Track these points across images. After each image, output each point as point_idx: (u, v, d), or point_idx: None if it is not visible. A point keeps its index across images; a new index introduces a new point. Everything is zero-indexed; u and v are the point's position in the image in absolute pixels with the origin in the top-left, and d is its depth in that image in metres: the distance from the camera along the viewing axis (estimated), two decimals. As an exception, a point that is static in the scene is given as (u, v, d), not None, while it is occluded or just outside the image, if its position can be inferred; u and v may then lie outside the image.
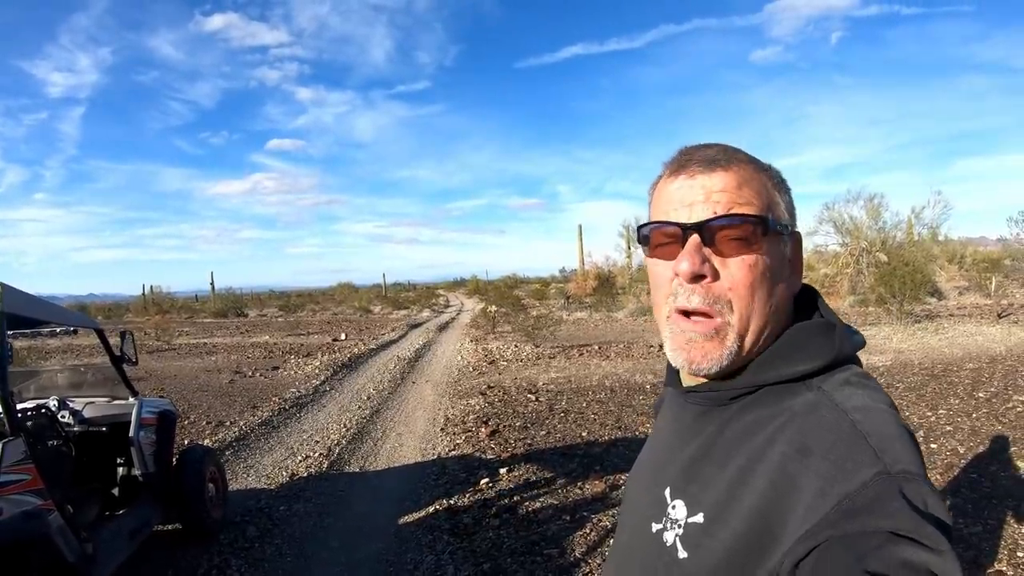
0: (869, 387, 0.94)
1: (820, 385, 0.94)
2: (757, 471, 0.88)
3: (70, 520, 3.76)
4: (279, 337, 24.76)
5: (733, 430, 0.98)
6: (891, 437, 0.83)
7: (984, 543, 4.67)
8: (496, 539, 5.20)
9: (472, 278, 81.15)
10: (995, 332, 15.37)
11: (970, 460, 6.36)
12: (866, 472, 0.78)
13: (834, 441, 0.84)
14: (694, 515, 0.95)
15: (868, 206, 27.42)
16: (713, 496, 0.93)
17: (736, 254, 0.97)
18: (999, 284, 25.65)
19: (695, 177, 1.00)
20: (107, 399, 5.22)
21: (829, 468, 0.81)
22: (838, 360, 0.97)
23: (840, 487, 0.78)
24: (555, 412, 9.49)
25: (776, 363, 0.99)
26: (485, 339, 20.32)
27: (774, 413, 0.94)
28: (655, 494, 1.06)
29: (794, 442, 0.87)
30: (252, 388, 12.72)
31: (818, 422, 0.88)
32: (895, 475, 0.77)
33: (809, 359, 0.97)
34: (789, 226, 1.04)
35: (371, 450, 8.10)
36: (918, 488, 0.77)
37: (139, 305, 51.02)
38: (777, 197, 1.03)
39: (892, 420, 0.87)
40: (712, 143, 1.06)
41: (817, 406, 0.91)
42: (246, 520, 5.79)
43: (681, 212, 1.00)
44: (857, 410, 0.87)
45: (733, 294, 0.97)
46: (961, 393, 9.11)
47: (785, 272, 1.03)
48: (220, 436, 8.72)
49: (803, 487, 0.81)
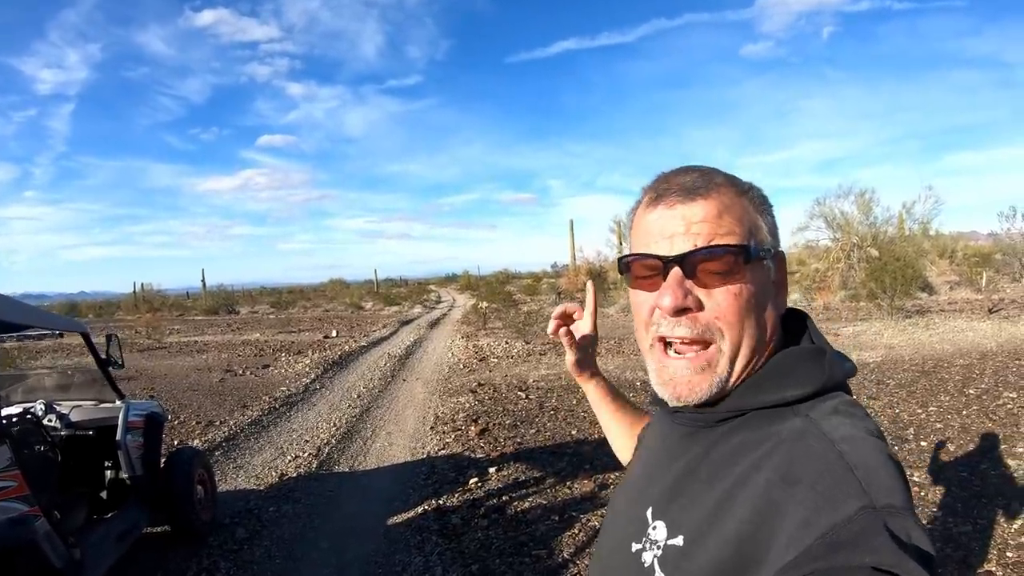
0: (856, 416, 0.94)
1: (808, 412, 0.94)
2: (740, 496, 0.88)
3: (57, 526, 3.76)
4: (270, 335, 24.71)
5: (719, 453, 0.98)
6: (877, 469, 0.82)
7: (974, 543, 4.69)
8: (484, 540, 5.21)
9: (464, 274, 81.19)
10: (986, 328, 15.37)
11: (960, 458, 6.39)
12: (852, 505, 0.77)
13: (821, 472, 0.83)
14: (674, 537, 0.94)
15: (859, 201, 27.49)
16: (694, 519, 0.93)
17: (720, 284, 0.97)
18: (990, 279, 25.69)
19: (674, 207, 1.00)
20: (94, 402, 5.21)
21: (815, 499, 0.80)
22: (827, 387, 0.97)
23: (825, 519, 0.77)
24: (545, 410, 9.51)
25: (765, 388, 0.98)
26: (476, 336, 20.32)
27: (760, 438, 0.94)
28: (637, 512, 1.05)
29: (780, 469, 0.87)
30: (242, 387, 12.71)
31: (805, 451, 0.87)
32: (880, 509, 0.77)
33: (798, 385, 0.96)
34: (772, 248, 1.04)
35: (361, 449, 8.10)
36: (903, 522, 0.76)
37: (130, 303, 50.79)
38: (759, 220, 1.03)
39: (879, 451, 0.86)
40: (691, 167, 1.05)
41: (804, 434, 0.90)
42: (235, 522, 5.79)
43: (662, 244, 1.00)
44: (844, 440, 0.86)
45: (722, 322, 0.97)
46: (952, 390, 9.12)
47: (770, 295, 1.03)
48: (210, 436, 8.72)
49: (787, 516, 0.81)
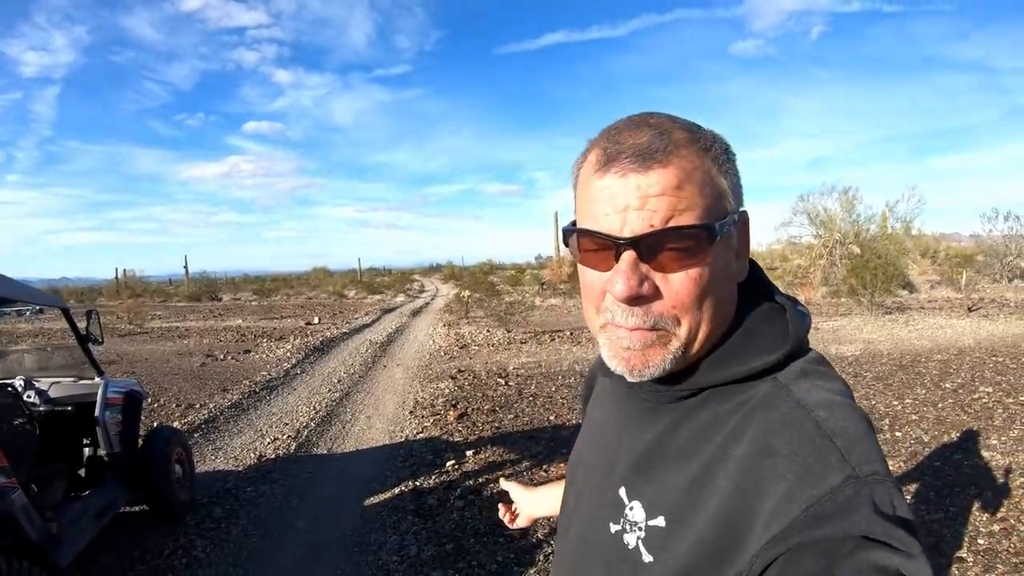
0: (826, 376, 0.91)
1: (776, 376, 0.90)
2: (719, 472, 0.85)
3: (34, 499, 3.77)
4: (252, 321, 24.59)
5: (688, 428, 0.93)
6: (856, 436, 0.80)
7: (946, 530, 4.79)
8: (460, 520, 5.27)
9: (448, 264, 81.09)
10: (964, 325, 15.63)
11: (934, 449, 6.50)
12: (835, 476, 0.75)
13: (800, 442, 0.80)
14: (654, 518, 0.91)
15: (842, 199, 27.63)
16: (673, 498, 0.89)
17: (679, 268, 0.86)
18: (970, 279, 25.97)
19: (627, 176, 0.86)
20: (73, 379, 5.22)
21: (796, 471, 0.78)
22: (793, 351, 0.92)
23: (808, 491, 0.75)
24: (524, 396, 9.58)
25: (728, 362, 0.92)
26: (458, 324, 20.33)
27: (731, 410, 0.90)
28: (610, 492, 1.01)
29: (757, 442, 0.83)
30: (223, 371, 12.69)
31: (780, 420, 0.84)
32: (864, 478, 0.75)
33: (763, 353, 0.91)
34: (736, 214, 0.92)
35: (340, 433, 8.14)
36: (887, 491, 0.75)
37: (112, 289, 50.41)
38: (723, 183, 0.90)
39: (855, 416, 0.84)
40: (646, 120, 0.91)
41: (776, 401, 0.86)
42: (213, 501, 5.82)
43: (612, 219, 0.87)
44: (820, 406, 0.84)
45: (679, 310, 0.87)
46: (928, 383, 9.28)
47: (733, 267, 0.94)
48: (189, 418, 8.73)
49: (769, 490, 0.78)
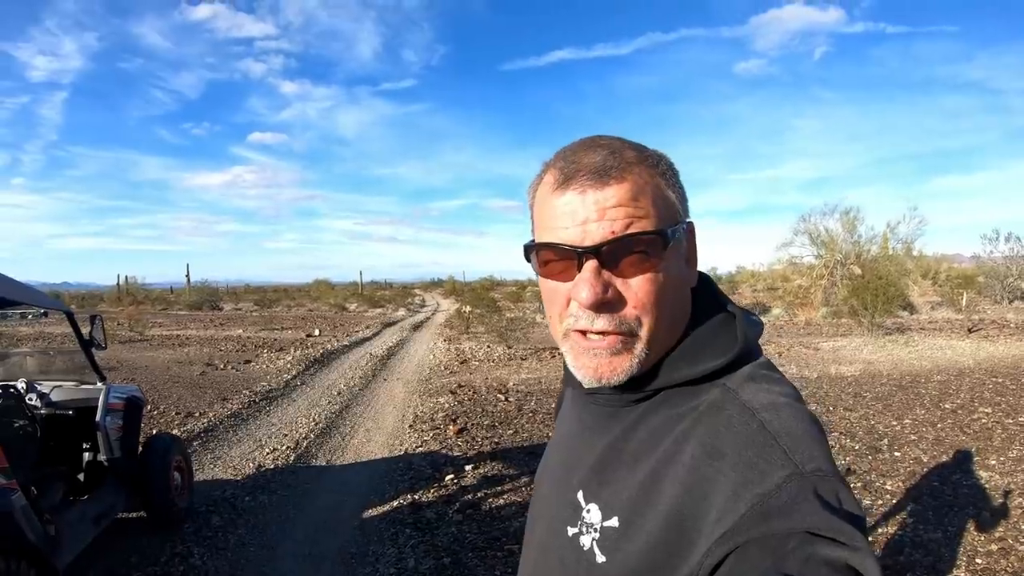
0: (773, 379, 0.94)
1: (725, 382, 0.94)
2: (669, 474, 0.88)
3: (34, 502, 3.77)
4: (253, 331, 24.59)
5: (641, 432, 0.97)
6: (800, 435, 0.83)
7: (944, 549, 4.79)
8: (458, 534, 5.26)
9: (449, 279, 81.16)
10: (964, 346, 15.63)
11: (933, 468, 6.51)
12: (779, 474, 0.78)
13: (745, 443, 0.84)
14: (609, 519, 0.94)
15: (844, 219, 27.79)
16: (626, 499, 0.92)
17: (638, 273, 0.92)
18: (971, 300, 26.03)
19: (586, 192, 0.92)
20: (75, 383, 5.22)
21: (742, 470, 0.81)
22: (742, 355, 0.96)
23: (754, 489, 0.78)
24: (524, 412, 9.56)
25: (681, 364, 0.97)
26: (458, 339, 20.33)
27: (681, 413, 0.94)
28: (568, 497, 1.04)
29: (705, 444, 0.87)
30: (223, 381, 12.66)
31: (727, 423, 0.87)
32: (808, 474, 0.78)
33: (713, 356, 0.96)
34: (684, 223, 0.99)
35: (339, 444, 8.13)
36: (831, 485, 0.78)
37: (113, 295, 50.62)
38: (672, 196, 0.98)
39: (800, 416, 0.87)
40: (597, 141, 0.98)
41: (723, 405, 0.90)
42: (211, 510, 5.81)
43: (572, 231, 0.93)
44: (765, 408, 0.87)
45: (640, 311, 0.93)
46: (928, 404, 9.27)
47: (685, 273, 1.00)
48: (189, 427, 8.71)
49: (716, 490, 0.82)
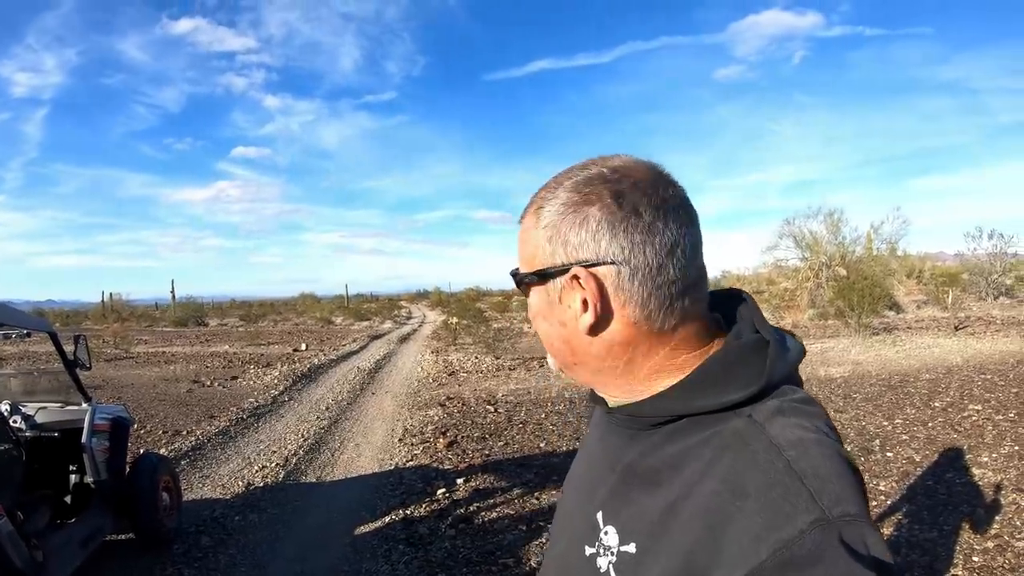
0: (803, 413, 0.88)
1: (751, 413, 0.88)
2: (688, 508, 0.84)
3: (20, 526, 3.71)
4: (239, 347, 24.45)
5: (660, 458, 0.93)
6: (829, 475, 0.79)
7: (939, 548, 4.79)
8: (452, 549, 5.21)
9: (435, 290, 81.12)
10: (952, 344, 15.67)
11: (926, 468, 6.50)
12: (804, 518, 0.74)
13: (769, 483, 0.79)
14: (626, 544, 0.91)
15: (828, 221, 27.98)
16: (645, 527, 0.89)
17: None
18: (956, 298, 26.15)
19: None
20: (60, 404, 5.15)
21: (765, 513, 0.76)
22: (770, 386, 0.90)
23: (777, 534, 0.74)
24: (514, 423, 9.52)
25: (705, 390, 0.91)
26: (446, 351, 20.27)
27: (704, 441, 0.89)
28: (588, 516, 1.01)
29: (727, 481, 0.82)
30: (210, 398, 12.57)
31: (752, 460, 0.82)
32: (834, 520, 0.73)
33: (739, 387, 0.90)
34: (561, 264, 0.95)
35: (328, 460, 8.07)
36: (859, 530, 0.74)
37: (98, 312, 50.21)
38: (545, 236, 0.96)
39: (830, 455, 0.82)
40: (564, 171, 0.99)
41: (748, 440, 0.85)
42: (200, 530, 5.74)
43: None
44: (792, 446, 0.82)
45: None
46: (917, 403, 9.28)
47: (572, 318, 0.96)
48: (176, 445, 8.62)
49: (738, 531, 0.77)
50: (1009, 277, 32.19)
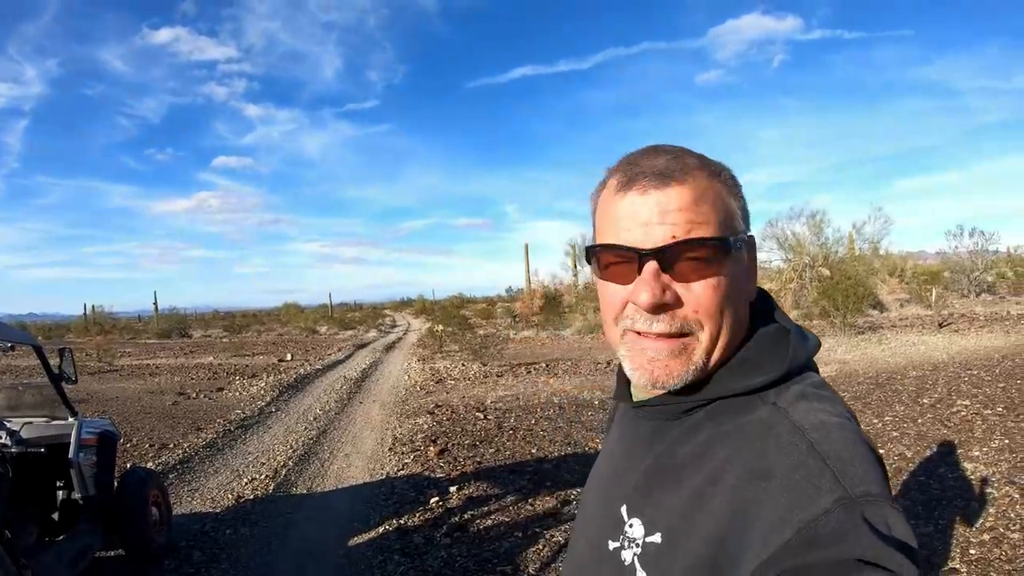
0: (825, 398, 0.92)
1: (775, 400, 0.91)
2: (715, 493, 0.86)
3: (7, 545, 3.65)
4: (224, 358, 24.31)
5: (687, 447, 0.95)
6: (851, 457, 0.80)
7: (936, 542, 4.81)
8: (448, 557, 5.17)
9: (419, 298, 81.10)
10: (937, 341, 15.82)
11: (918, 464, 6.53)
12: (827, 498, 0.76)
13: (793, 464, 0.81)
14: (651, 535, 0.92)
15: (810, 222, 28.10)
16: (670, 516, 0.90)
17: (699, 278, 0.92)
18: (939, 295, 26.37)
19: (648, 193, 0.93)
20: (46, 419, 5.07)
21: (789, 493, 0.78)
22: (792, 371, 0.94)
23: (801, 514, 0.76)
24: (504, 430, 9.48)
25: (732, 376, 0.95)
26: (432, 358, 20.24)
27: (728, 431, 0.91)
28: (611, 511, 1.02)
29: (751, 464, 0.84)
30: (196, 410, 12.45)
31: (776, 443, 0.85)
32: (857, 499, 0.75)
33: (764, 371, 0.94)
34: (745, 234, 0.99)
35: (318, 471, 7.99)
36: (881, 510, 0.75)
37: (81, 325, 49.98)
38: (733, 205, 0.98)
39: (852, 437, 0.84)
40: (661, 147, 0.99)
41: (773, 424, 0.87)
42: (191, 545, 5.66)
43: (635, 232, 0.93)
44: (815, 428, 0.84)
45: (702, 315, 0.92)
46: (906, 400, 9.33)
47: (744, 284, 0.99)
48: (163, 459, 8.52)
49: (763, 513, 0.79)
50: (990, 274, 32.57)
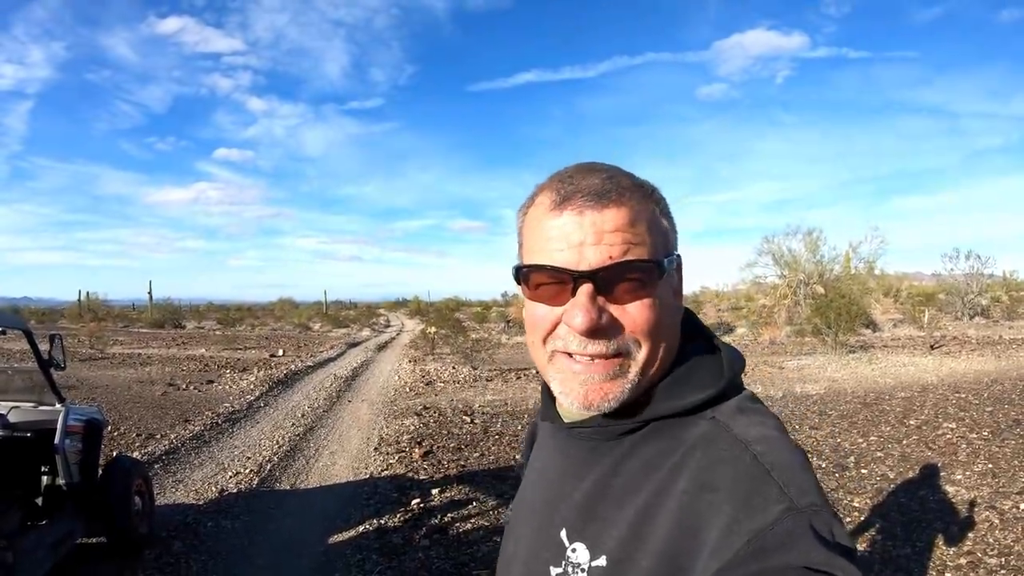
0: (761, 412, 0.94)
1: (714, 415, 0.92)
2: (661, 510, 0.86)
3: (-12, 528, 3.67)
4: (215, 351, 24.30)
5: (629, 466, 0.94)
6: (794, 469, 0.83)
7: (913, 565, 4.84)
8: (425, 559, 5.19)
9: (414, 299, 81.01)
10: (927, 362, 15.83)
11: (900, 484, 6.56)
12: (775, 508, 0.77)
13: (738, 476, 0.83)
14: (597, 558, 0.91)
15: (807, 240, 28.29)
16: (616, 537, 0.89)
17: (635, 299, 0.91)
18: (932, 317, 26.43)
19: (584, 213, 0.91)
20: (33, 404, 5.09)
21: (736, 505, 0.80)
22: (730, 387, 0.95)
23: (749, 524, 0.77)
24: (490, 434, 9.51)
25: (669, 394, 0.95)
26: (423, 360, 20.27)
27: (672, 447, 0.91)
28: (550, 536, 1.00)
29: (697, 478, 0.85)
30: (185, 401, 12.47)
31: (719, 456, 0.86)
32: (803, 509, 0.77)
33: (701, 389, 0.94)
34: (674, 255, 0.99)
35: (303, 468, 8.02)
36: (825, 520, 0.77)
37: (74, 311, 49.80)
38: (665, 225, 0.98)
39: (790, 448, 0.87)
40: (594, 165, 0.99)
41: (715, 438, 0.89)
42: (172, 535, 5.68)
43: (568, 253, 0.91)
44: (757, 441, 0.86)
45: (639, 335, 0.92)
46: (892, 420, 9.36)
47: (674, 303, 0.99)
48: (150, 449, 8.53)
49: (711, 525, 0.80)
50: (985, 297, 32.64)
